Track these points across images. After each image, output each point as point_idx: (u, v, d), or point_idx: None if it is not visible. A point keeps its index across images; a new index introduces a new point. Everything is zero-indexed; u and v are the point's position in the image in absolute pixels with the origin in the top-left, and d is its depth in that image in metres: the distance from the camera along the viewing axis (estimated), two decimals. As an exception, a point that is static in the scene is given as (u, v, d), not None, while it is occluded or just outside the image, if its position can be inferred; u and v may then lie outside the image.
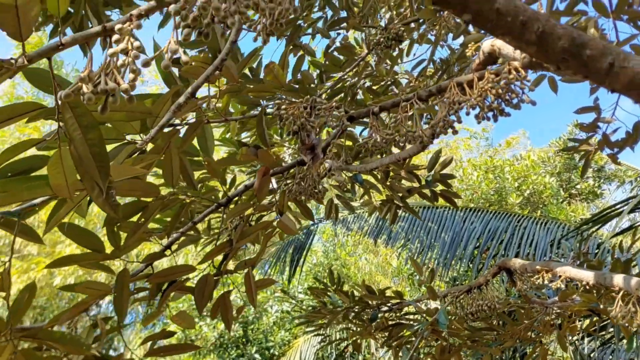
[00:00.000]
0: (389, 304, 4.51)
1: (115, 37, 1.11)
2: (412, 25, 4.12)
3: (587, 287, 2.92)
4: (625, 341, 6.67)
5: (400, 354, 4.43)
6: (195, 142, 2.42)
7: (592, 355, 6.47)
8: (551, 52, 1.46)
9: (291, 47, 3.73)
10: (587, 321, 5.72)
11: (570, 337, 6.07)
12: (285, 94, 2.25)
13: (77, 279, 10.02)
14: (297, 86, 2.36)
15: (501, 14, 1.45)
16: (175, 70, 2.17)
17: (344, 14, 4.17)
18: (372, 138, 2.36)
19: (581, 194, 11.56)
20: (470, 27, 4.45)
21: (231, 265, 2.84)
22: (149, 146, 2.13)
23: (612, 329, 6.20)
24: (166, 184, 2.29)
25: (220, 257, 2.66)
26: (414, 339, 4.45)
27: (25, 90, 13.44)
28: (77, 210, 1.93)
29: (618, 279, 2.55)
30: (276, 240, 7.35)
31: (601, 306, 3.12)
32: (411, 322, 4.54)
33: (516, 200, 10.07)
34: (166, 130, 2.13)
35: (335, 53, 3.88)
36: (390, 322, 4.73)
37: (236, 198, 2.66)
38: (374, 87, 4.56)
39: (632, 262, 3.85)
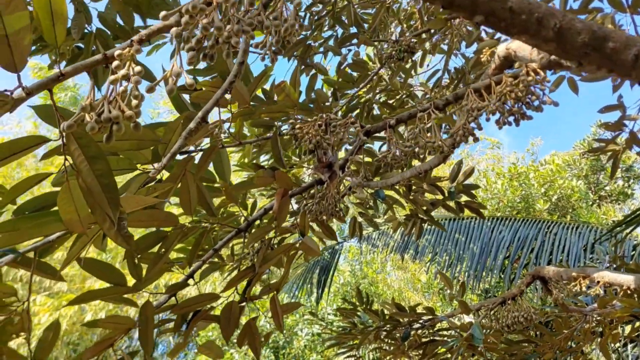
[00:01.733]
0: (420, 321, 4.39)
1: (115, 63, 1.09)
2: (424, 36, 4.08)
3: (629, 292, 2.78)
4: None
5: (436, 372, 4.29)
6: (211, 167, 2.39)
7: (637, 362, 6.21)
8: (571, 47, 1.40)
9: (302, 67, 3.71)
10: (629, 327, 5.49)
11: (612, 345, 5.83)
12: (299, 113, 2.21)
13: (107, 313, 10.04)
14: (310, 105, 2.32)
15: (515, 13, 1.39)
16: (187, 97, 2.15)
17: (353, 29, 4.16)
18: (391, 152, 2.30)
19: (611, 195, 11.23)
20: (483, 34, 4.39)
21: (257, 290, 2.78)
22: (165, 174, 2.10)
23: (657, 334, 5.93)
24: (185, 213, 2.25)
25: (244, 284, 2.61)
26: (449, 355, 4.30)
27: (47, 129, 13.64)
28: (96, 244, 1.91)
29: (661, 282, 2.42)
30: (301, 262, 7.26)
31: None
32: (445, 339, 4.40)
33: (544, 206, 9.82)
34: (181, 157, 2.10)
35: (348, 69, 3.85)
36: (423, 340, 4.60)
37: (257, 222, 2.61)
38: (390, 101, 4.52)
39: (672, 263, 3.68)
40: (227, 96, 1.91)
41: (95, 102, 1.11)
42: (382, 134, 2.68)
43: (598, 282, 2.86)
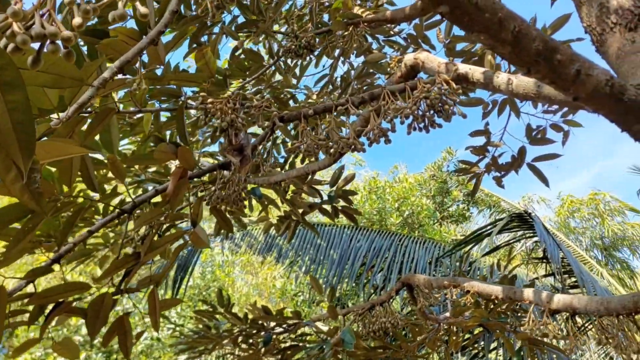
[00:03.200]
0: (284, 325, 4.30)
1: (63, -37, 0.83)
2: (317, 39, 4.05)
3: (496, 301, 2.99)
4: (490, 355, 7.12)
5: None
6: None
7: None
8: (525, 53, 1.42)
9: (195, 45, 3.43)
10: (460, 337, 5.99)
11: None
12: (212, 88, 1.99)
13: None
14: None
15: (480, 9, 1.38)
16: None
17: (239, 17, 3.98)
18: (304, 143, 2.19)
19: (452, 216, 12.43)
20: (374, 46, 4.50)
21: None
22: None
23: (482, 343, 6.55)
24: (60, 183, 1.91)
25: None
26: (309, 361, 4.27)
27: None
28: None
29: (528, 293, 2.63)
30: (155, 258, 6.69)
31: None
32: (306, 344, 4.37)
33: (396, 220, 10.50)
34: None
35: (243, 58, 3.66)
36: (283, 345, 4.51)
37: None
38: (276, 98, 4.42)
39: (515, 278, 4.08)
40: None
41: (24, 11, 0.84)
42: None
43: (468, 291, 3.03)
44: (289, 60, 3.86)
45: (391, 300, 3.77)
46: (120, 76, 1.45)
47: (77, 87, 1.18)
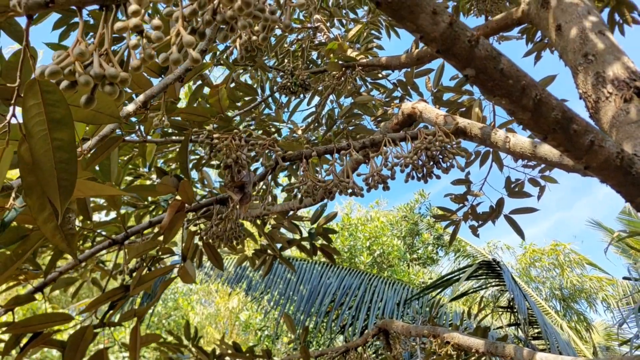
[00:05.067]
0: (253, 363, 4.19)
1: (132, 7, 0.81)
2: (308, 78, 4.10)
3: (477, 354, 2.98)
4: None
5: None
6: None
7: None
8: (544, 121, 1.46)
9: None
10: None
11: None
12: (219, 123, 1.98)
13: None
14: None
15: (505, 76, 1.41)
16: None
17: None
18: (305, 183, 2.18)
19: (420, 258, 12.51)
20: (363, 89, 4.57)
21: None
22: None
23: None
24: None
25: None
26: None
27: None
28: None
29: (510, 349, 2.64)
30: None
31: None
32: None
33: (366, 260, 10.48)
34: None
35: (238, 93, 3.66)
36: (249, 382, 4.39)
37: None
38: (260, 132, 4.42)
39: (489, 329, 4.10)
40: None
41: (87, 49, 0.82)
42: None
43: (448, 342, 3.02)
44: (278, 95, 3.87)
45: (366, 344, 3.74)
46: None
47: (113, 123, 1.15)
